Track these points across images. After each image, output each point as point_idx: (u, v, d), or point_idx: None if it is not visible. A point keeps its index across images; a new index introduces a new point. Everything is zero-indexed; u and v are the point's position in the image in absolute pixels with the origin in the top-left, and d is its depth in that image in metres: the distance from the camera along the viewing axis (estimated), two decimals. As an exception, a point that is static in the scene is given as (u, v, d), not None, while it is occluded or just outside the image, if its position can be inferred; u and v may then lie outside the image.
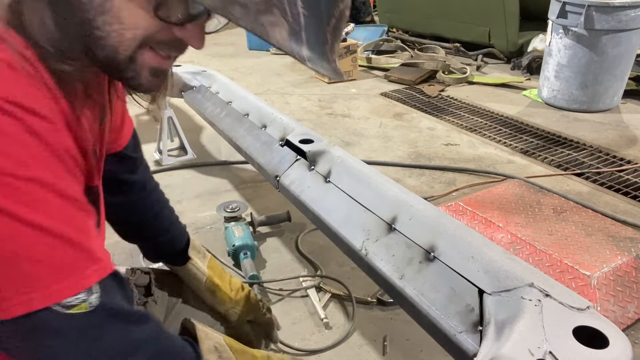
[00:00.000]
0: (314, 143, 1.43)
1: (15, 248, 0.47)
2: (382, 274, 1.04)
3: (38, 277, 0.49)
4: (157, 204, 1.03)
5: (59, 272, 0.50)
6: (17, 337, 0.50)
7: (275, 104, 3.27)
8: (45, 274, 0.49)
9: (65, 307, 0.50)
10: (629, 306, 1.42)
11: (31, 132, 0.48)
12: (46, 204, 0.49)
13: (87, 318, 0.51)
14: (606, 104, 3.08)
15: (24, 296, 0.48)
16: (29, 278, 0.48)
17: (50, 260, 0.49)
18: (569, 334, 0.72)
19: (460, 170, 2.38)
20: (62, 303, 0.49)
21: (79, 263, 0.52)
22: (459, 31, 4.39)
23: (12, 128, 0.46)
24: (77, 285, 0.51)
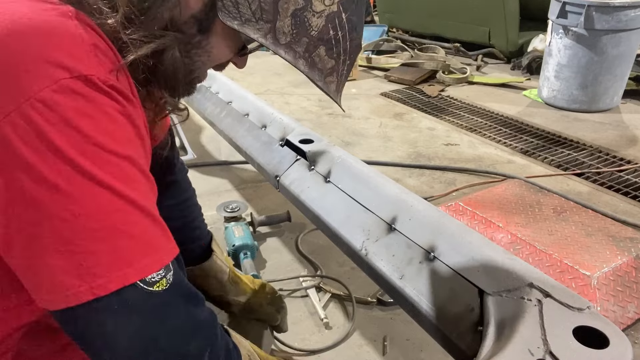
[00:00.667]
0: (314, 143, 1.43)
1: (114, 222, 0.49)
2: (382, 274, 1.04)
3: (132, 252, 0.50)
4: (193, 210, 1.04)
5: (147, 247, 0.52)
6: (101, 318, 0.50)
7: (275, 104, 3.27)
8: (137, 249, 0.51)
9: (149, 285, 0.51)
10: (629, 306, 1.42)
11: (124, 113, 0.52)
12: (138, 183, 0.52)
13: (163, 296, 0.53)
14: (606, 104, 3.08)
15: (119, 271, 0.49)
16: (124, 253, 0.50)
17: (141, 236, 0.51)
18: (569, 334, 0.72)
19: (460, 170, 2.38)
20: (147, 280, 0.51)
21: (160, 240, 0.54)
22: (459, 31, 4.39)
23: (111, 109, 0.50)
24: (160, 261, 0.53)
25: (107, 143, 0.49)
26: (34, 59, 0.46)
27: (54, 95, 0.46)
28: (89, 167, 0.47)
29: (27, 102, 0.45)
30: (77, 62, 0.48)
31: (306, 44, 0.63)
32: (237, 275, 1.09)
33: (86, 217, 0.48)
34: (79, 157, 0.47)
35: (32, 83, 0.45)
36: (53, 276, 0.48)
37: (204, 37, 0.61)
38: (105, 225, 0.49)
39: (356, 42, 0.69)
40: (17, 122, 0.45)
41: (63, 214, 0.47)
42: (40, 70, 0.46)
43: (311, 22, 0.62)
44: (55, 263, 0.47)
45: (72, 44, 0.48)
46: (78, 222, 0.47)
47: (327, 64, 0.67)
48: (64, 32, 0.48)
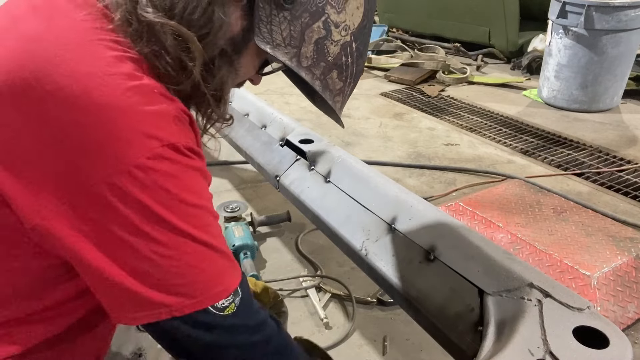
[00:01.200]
0: (314, 143, 1.43)
1: (190, 261, 0.59)
2: (382, 274, 1.04)
3: (205, 283, 0.61)
4: None
5: (219, 279, 0.62)
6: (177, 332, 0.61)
7: (275, 104, 3.27)
8: (210, 281, 0.61)
9: (220, 310, 0.62)
10: (629, 306, 1.42)
11: (200, 170, 0.63)
12: (210, 226, 0.63)
13: (232, 318, 0.63)
14: (606, 104, 3.08)
15: (193, 299, 0.60)
16: (197, 284, 0.60)
17: (212, 270, 0.62)
18: (569, 334, 0.72)
19: (460, 170, 2.38)
20: (218, 306, 0.61)
21: (228, 271, 0.64)
22: (459, 31, 4.39)
23: (190, 169, 0.60)
24: (227, 290, 0.62)
25: (188, 198, 0.59)
26: (133, 132, 0.55)
27: (147, 161, 0.55)
28: (174, 220, 0.58)
29: (126, 167, 0.54)
30: (165, 133, 0.57)
31: (323, 68, 0.73)
32: None
33: (169, 258, 0.58)
34: (165, 212, 0.57)
35: (131, 152, 0.54)
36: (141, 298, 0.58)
37: (236, 57, 0.68)
38: (182, 264, 0.59)
39: (361, 67, 0.79)
40: (115, 184, 0.54)
41: (150, 255, 0.57)
42: (138, 141, 0.55)
43: (329, 49, 0.72)
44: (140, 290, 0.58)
45: (160, 118, 0.57)
46: (162, 261, 0.58)
47: (337, 85, 0.76)
48: (154, 109, 0.57)
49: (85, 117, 0.53)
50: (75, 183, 0.54)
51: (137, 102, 0.56)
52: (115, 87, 0.55)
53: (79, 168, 0.54)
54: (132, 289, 0.58)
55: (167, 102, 0.59)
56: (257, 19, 0.66)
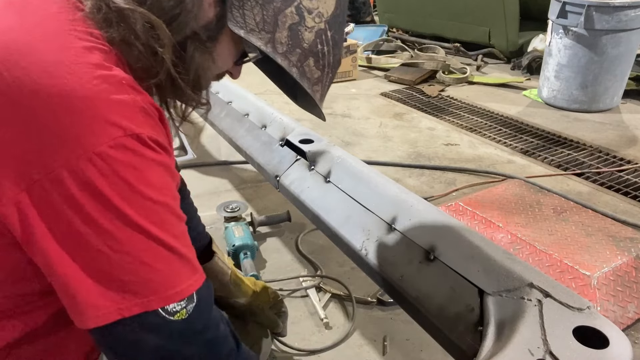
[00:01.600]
0: (314, 143, 1.43)
1: (144, 258, 0.58)
2: (382, 274, 1.04)
3: (156, 283, 0.59)
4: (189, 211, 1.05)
5: (173, 280, 0.60)
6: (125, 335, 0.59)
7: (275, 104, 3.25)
8: (162, 281, 0.59)
9: (170, 314, 0.60)
10: (629, 306, 1.42)
11: (164, 165, 0.60)
12: (169, 224, 0.61)
13: (181, 325, 0.61)
14: (606, 104, 3.08)
15: (144, 298, 0.58)
16: (149, 283, 0.58)
17: (166, 271, 0.60)
18: (569, 334, 0.72)
19: (460, 170, 2.38)
20: (168, 309, 0.59)
21: (186, 273, 0.62)
22: (459, 31, 4.39)
23: (153, 162, 0.59)
24: (181, 293, 0.61)
25: (148, 192, 0.58)
26: (96, 119, 0.54)
27: (109, 150, 0.54)
28: (130, 213, 0.56)
29: (86, 154, 0.53)
30: (130, 122, 0.56)
31: (299, 55, 0.73)
32: (239, 277, 1.10)
33: (121, 253, 0.57)
34: (123, 204, 0.56)
35: (93, 138, 0.54)
36: (87, 298, 0.56)
37: (212, 45, 0.69)
38: (136, 260, 0.57)
39: (338, 57, 0.79)
40: (75, 170, 0.53)
41: (102, 247, 0.56)
42: (100, 129, 0.54)
43: (304, 35, 0.72)
44: (90, 288, 0.56)
45: (125, 108, 0.57)
46: (114, 255, 0.56)
47: (315, 74, 0.76)
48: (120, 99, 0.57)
49: (50, 103, 0.53)
50: (35, 168, 0.54)
51: (103, 90, 0.55)
52: (82, 75, 0.55)
53: (41, 153, 0.53)
54: (83, 285, 0.56)
55: (134, 94, 0.59)
56: (230, 3, 0.66)
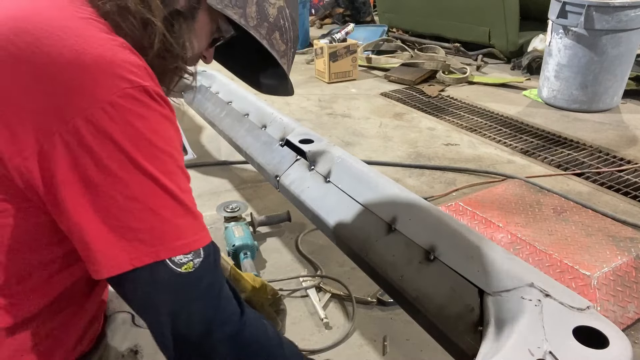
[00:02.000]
0: (314, 143, 1.43)
1: (153, 206, 0.60)
2: (382, 274, 1.04)
3: (164, 232, 0.60)
4: None
5: (180, 232, 0.62)
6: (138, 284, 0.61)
7: (275, 104, 3.26)
8: (169, 231, 0.61)
9: (177, 265, 0.61)
10: (629, 306, 1.42)
11: (169, 119, 0.63)
12: (176, 176, 0.63)
13: (189, 277, 0.62)
14: (606, 104, 3.08)
15: (153, 247, 0.60)
16: (158, 233, 0.60)
17: (174, 221, 0.61)
18: (569, 334, 0.72)
19: (460, 170, 2.38)
20: (175, 260, 0.61)
21: (191, 228, 0.63)
22: (459, 31, 4.39)
23: (159, 114, 0.62)
24: (188, 245, 0.62)
25: (156, 140, 0.60)
26: (106, 74, 0.58)
27: (119, 99, 0.58)
28: (140, 158, 0.59)
29: (99, 104, 0.57)
30: (136, 77, 0.60)
31: (267, 28, 0.79)
32: (238, 273, 1.10)
33: (131, 199, 0.59)
34: (133, 149, 0.58)
35: (104, 90, 0.58)
36: (101, 247, 0.59)
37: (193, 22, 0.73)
38: (145, 207, 0.59)
39: (296, 34, 0.86)
40: (89, 119, 0.57)
41: (113, 194, 0.58)
42: (110, 82, 0.58)
43: (269, 11, 0.79)
44: (103, 236, 0.59)
45: (130, 64, 0.61)
46: (124, 202, 0.58)
47: (281, 47, 0.83)
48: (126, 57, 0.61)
49: (62, 62, 0.57)
50: (53, 121, 0.57)
51: (109, 50, 0.60)
52: (88, 37, 0.60)
53: (57, 107, 0.57)
54: (97, 233, 0.58)
55: (137, 57, 0.63)
56: None
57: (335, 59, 3.77)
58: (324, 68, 3.81)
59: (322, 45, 3.78)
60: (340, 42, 3.81)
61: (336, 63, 3.79)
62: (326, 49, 3.74)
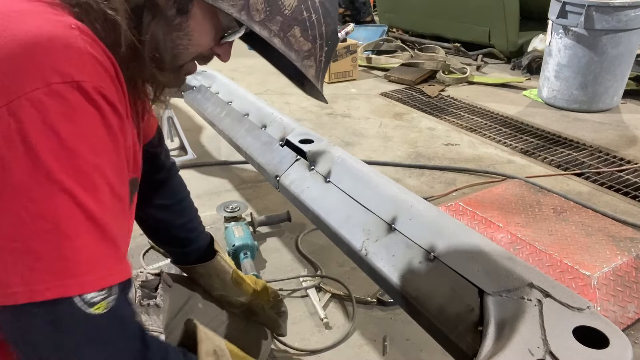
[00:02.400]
0: (314, 143, 1.43)
1: (66, 229, 0.49)
2: (382, 274, 1.04)
3: (77, 263, 0.50)
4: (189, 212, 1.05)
5: (94, 264, 0.51)
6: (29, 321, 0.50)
7: (275, 104, 3.27)
8: (82, 261, 0.50)
9: (88, 304, 0.51)
10: (629, 306, 1.42)
11: (107, 125, 0.53)
12: (102, 194, 0.52)
13: (98, 320, 0.52)
14: (606, 104, 3.08)
15: (60, 280, 0.49)
16: (68, 262, 0.49)
17: (90, 251, 0.51)
18: (569, 334, 0.72)
19: (460, 170, 2.38)
20: (86, 298, 0.50)
21: (109, 260, 0.53)
22: (459, 31, 4.39)
23: (93, 118, 0.51)
24: (103, 280, 0.52)
25: (82, 150, 0.50)
26: (33, 62, 0.49)
27: (42, 96, 0.48)
28: (56, 170, 0.48)
29: (18, 99, 0.48)
30: (72, 68, 0.50)
31: (280, 23, 0.65)
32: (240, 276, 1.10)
33: (39, 217, 0.48)
34: (49, 158, 0.48)
35: (27, 83, 0.48)
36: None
37: (183, 19, 0.63)
38: (55, 228, 0.49)
39: (332, 27, 0.70)
40: (3, 116, 0.47)
41: (18, 209, 0.48)
42: (36, 73, 0.48)
43: (284, 1, 0.64)
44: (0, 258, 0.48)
45: (70, 52, 0.50)
46: (30, 220, 0.48)
47: (304, 46, 0.68)
48: (64, 41, 0.51)
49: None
50: None
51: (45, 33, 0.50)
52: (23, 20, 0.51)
53: None
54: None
55: (85, 39, 0.52)
56: None
57: (335, 59, 3.77)
58: (324, 68, 3.81)
59: (322, 45, 3.78)
60: (340, 42, 3.81)
61: (336, 63, 3.79)
62: (326, 49, 3.73)
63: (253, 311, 1.12)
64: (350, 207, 1.20)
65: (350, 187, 1.24)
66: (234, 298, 1.09)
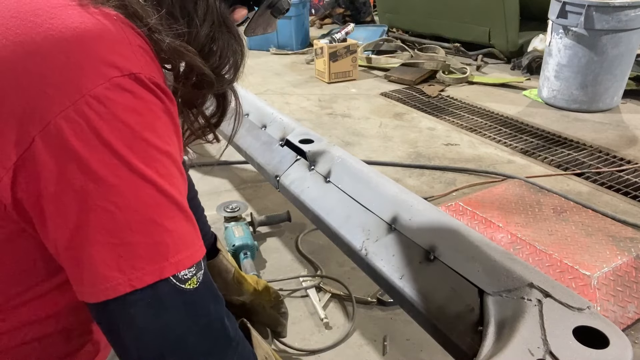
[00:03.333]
0: (314, 143, 1.43)
1: (154, 216, 0.51)
2: (382, 274, 1.04)
3: (168, 246, 0.52)
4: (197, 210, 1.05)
5: (182, 243, 0.53)
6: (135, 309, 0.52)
7: (275, 104, 3.27)
8: (172, 243, 0.52)
9: (181, 282, 0.53)
10: (629, 306, 1.42)
11: (166, 111, 0.54)
12: (176, 179, 0.54)
13: (194, 294, 0.54)
14: (606, 104, 3.08)
15: (156, 264, 0.51)
16: (161, 246, 0.52)
17: (177, 231, 0.53)
18: (569, 334, 0.72)
19: (460, 170, 2.38)
20: (179, 276, 0.52)
21: (193, 237, 0.56)
22: (459, 31, 4.39)
23: (155, 106, 0.53)
24: (192, 257, 0.54)
25: (152, 138, 0.52)
26: (89, 59, 0.49)
27: (106, 92, 0.49)
28: (135, 161, 0.50)
29: (82, 98, 0.48)
30: (126, 61, 0.51)
31: None
32: (242, 275, 1.10)
33: (128, 209, 0.50)
34: (126, 151, 0.50)
35: (87, 81, 0.49)
36: (94, 268, 0.50)
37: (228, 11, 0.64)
38: (145, 218, 0.51)
39: None
40: (72, 117, 0.48)
41: (107, 205, 0.49)
42: (94, 70, 0.49)
43: None
44: (96, 255, 0.50)
45: (121, 45, 0.51)
46: (121, 214, 0.50)
47: None
48: (114, 35, 0.51)
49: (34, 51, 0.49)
50: (32, 123, 0.48)
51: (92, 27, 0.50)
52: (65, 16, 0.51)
53: (36, 106, 0.48)
54: (88, 251, 0.50)
55: (129, 31, 0.53)
56: None
57: (335, 59, 3.77)
58: (324, 68, 3.81)
59: (322, 45, 3.78)
60: (340, 42, 3.81)
61: (336, 63, 3.79)
62: (326, 49, 3.74)
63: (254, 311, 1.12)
64: (350, 207, 1.20)
65: (350, 187, 1.24)
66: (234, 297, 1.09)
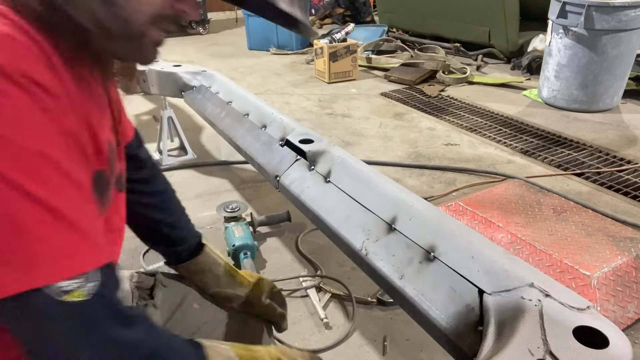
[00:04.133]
0: (314, 143, 1.43)
1: (19, 222, 0.47)
2: (382, 274, 1.04)
3: (37, 254, 0.47)
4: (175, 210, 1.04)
5: (59, 252, 0.49)
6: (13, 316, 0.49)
7: (275, 104, 3.27)
8: (44, 252, 0.48)
9: (59, 294, 0.48)
10: (629, 306, 1.42)
11: (42, 108, 0.49)
12: (50, 180, 0.49)
13: (81, 307, 0.49)
14: (606, 104, 3.08)
15: (24, 274, 0.47)
16: (28, 254, 0.47)
17: (52, 239, 0.48)
18: (569, 334, 0.72)
19: (460, 170, 2.38)
20: (55, 287, 0.48)
21: (79, 246, 0.50)
22: (459, 31, 4.39)
23: (22, 102, 0.47)
24: (74, 268, 0.49)
25: (15, 136, 0.47)
26: None
27: None
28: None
29: None
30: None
31: None
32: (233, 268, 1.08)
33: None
34: None
35: None
36: None
37: None
38: (11, 224, 0.46)
39: None
40: None
41: None
42: None
43: None
44: None
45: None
46: None
47: None
48: None
49: None
50: None
51: None
52: None
53: None
54: None
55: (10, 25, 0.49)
56: None
57: (335, 59, 3.77)
58: (324, 68, 3.81)
59: (322, 45, 3.78)
60: (340, 42, 3.81)
61: (336, 63, 3.79)
62: (326, 49, 3.74)
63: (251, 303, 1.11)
64: (350, 207, 1.20)
65: (350, 187, 1.24)
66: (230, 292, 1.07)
